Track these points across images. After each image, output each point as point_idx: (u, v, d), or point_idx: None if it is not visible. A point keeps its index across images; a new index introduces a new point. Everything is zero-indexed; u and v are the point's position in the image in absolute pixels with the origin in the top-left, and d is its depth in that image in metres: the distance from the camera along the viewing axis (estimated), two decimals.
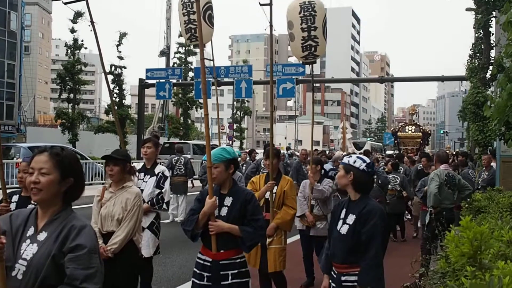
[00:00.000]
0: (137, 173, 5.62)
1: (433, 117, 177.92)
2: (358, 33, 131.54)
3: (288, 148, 25.64)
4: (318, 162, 6.92)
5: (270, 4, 5.82)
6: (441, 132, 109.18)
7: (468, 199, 6.32)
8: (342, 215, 3.48)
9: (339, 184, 3.59)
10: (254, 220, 3.70)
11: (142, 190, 5.46)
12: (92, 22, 6.05)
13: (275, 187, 5.47)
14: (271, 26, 5.84)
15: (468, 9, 18.99)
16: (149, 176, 5.63)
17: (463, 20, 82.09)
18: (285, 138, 72.18)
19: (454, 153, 21.29)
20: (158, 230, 5.64)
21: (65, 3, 6.27)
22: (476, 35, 18.44)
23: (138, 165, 5.86)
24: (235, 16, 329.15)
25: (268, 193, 5.39)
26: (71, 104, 31.34)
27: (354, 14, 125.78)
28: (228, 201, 3.78)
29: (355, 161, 3.47)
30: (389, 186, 10.36)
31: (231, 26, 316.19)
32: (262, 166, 11.36)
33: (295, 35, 6.83)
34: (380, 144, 69.50)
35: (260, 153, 14.99)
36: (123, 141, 5.82)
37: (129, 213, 4.25)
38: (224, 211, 3.75)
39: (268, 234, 5.18)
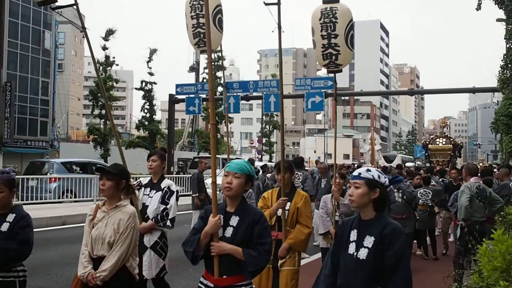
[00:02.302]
0: (142, 188, 5.40)
1: (465, 129, 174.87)
2: (387, 45, 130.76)
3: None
4: (343, 177, 6.87)
5: (278, 4, 5.35)
6: (474, 144, 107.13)
7: (502, 212, 6.20)
8: (353, 237, 3.04)
9: (357, 203, 3.06)
10: (260, 244, 3.27)
11: (147, 206, 5.26)
12: (84, 28, 5.77)
13: (288, 204, 4.95)
14: (279, 27, 5.39)
15: (498, 20, 18.77)
16: (155, 191, 5.31)
17: (494, 30, 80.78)
18: (315, 151, 71.96)
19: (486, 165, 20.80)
20: (163, 250, 5.27)
21: (53, 9, 6.26)
22: (508, 45, 18.17)
23: (144, 179, 5.63)
24: (263, 31, 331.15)
25: (280, 210, 4.91)
26: (103, 120, 31.99)
27: (382, 27, 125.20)
28: (234, 220, 3.35)
29: (379, 176, 3.04)
30: (420, 201, 9.90)
31: (260, 40, 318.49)
32: (267, 182, 11.01)
33: (316, 42, 6.58)
34: (411, 157, 68.52)
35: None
36: (123, 157, 5.70)
37: (121, 236, 3.81)
38: (229, 232, 3.32)
39: (280, 256, 4.83)
